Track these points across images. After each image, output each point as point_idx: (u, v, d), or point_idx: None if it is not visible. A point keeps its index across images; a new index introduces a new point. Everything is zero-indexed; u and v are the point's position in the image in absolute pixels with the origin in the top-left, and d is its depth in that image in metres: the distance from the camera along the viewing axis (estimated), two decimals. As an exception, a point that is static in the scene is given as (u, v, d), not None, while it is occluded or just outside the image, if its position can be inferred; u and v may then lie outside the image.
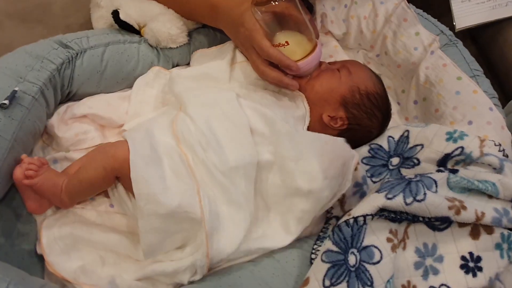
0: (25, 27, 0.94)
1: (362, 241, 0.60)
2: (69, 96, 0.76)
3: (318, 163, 0.64)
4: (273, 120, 0.67)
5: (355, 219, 0.60)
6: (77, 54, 0.74)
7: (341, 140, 0.69)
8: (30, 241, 0.66)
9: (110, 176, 0.65)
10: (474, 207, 0.62)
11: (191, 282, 0.63)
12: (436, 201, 0.61)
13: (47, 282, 0.60)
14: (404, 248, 0.64)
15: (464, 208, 0.62)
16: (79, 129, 0.73)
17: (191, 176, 0.64)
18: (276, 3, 0.66)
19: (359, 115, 0.75)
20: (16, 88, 0.64)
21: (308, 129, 0.74)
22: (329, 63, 0.79)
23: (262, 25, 0.67)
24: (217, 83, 0.76)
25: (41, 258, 0.65)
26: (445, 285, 0.62)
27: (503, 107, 0.85)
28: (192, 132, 0.66)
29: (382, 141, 0.78)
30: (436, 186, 0.64)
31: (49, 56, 0.71)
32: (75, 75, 0.73)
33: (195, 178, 0.64)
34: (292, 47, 0.70)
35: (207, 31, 0.85)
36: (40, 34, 0.88)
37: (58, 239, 0.63)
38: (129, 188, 0.65)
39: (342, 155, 0.67)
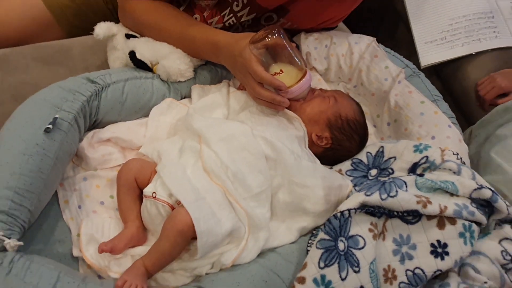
0: (49, 69, 1.06)
1: (349, 231, 0.73)
2: (95, 124, 0.88)
3: (321, 190, 0.79)
4: (280, 149, 0.81)
5: (342, 213, 0.73)
6: (102, 88, 0.87)
7: (337, 173, 0.86)
8: (65, 246, 0.77)
9: (188, 239, 0.73)
10: (438, 201, 0.76)
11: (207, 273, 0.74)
12: (406, 197, 0.74)
13: (87, 274, 0.70)
14: (383, 239, 0.76)
15: (430, 202, 0.75)
16: (105, 151, 0.85)
17: (229, 205, 0.76)
18: (269, 39, 0.81)
19: (340, 137, 0.90)
20: (57, 116, 0.77)
21: None
22: (321, 89, 0.94)
23: (259, 59, 0.82)
24: (222, 108, 0.90)
25: (76, 260, 0.76)
26: (418, 267, 0.74)
27: (463, 130, 1.00)
28: (219, 167, 0.78)
29: (362, 156, 0.92)
30: (406, 186, 0.78)
31: (80, 89, 0.84)
32: (101, 105, 0.86)
33: (237, 205, 0.76)
34: (285, 75, 0.84)
35: (209, 68, 1.00)
36: (63, 75, 0.99)
37: (93, 237, 0.74)
38: None
39: (339, 185, 0.82)
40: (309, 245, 0.77)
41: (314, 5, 0.99)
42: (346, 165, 0.91)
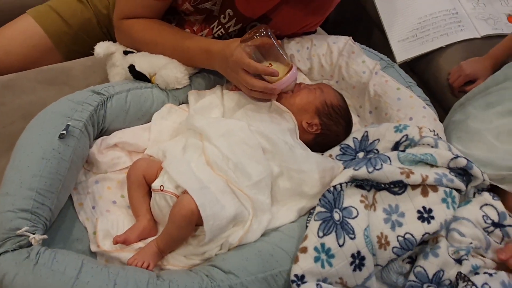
0: (53, 89, 1.13)
1: (342, 203, 0.80)
2: (103, 132, 0.95)
3: (317, 174, 0.87)
4: (275, 141, 0.89)
5: (334, 187, 0.81)
6: (107, 98, 0.94)
7: (328, 157, 0.94)
8: (83, 244, 0.82)
9: (193, 224, 0.79)
10: (420, 172, 0.84)
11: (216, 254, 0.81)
12: (390, 169, 0.83)
13: (108, 264, 0.76)
14: (374, 209, 0.84)
15: (412, 173, 0.83)
16: (113, 155, 0.93)
17: (231, 193, 0.83)
18: (257, 37, 0.90)
19: (328, 123, 0.99)
20: (69, 123, 0.84)
21: None
22: (307, 84, 1.03)
23: (250, 55, 0.90)
24: (219, 108, 0.99)
25: (94, 256, 0.81)
26: (408, 232, 0.81)
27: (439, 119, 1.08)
28: (221, 159, 0.86)
29: (349, 141, 1.00)
30: (390, 161, 0.86)
31: (87, 100, 0.91)
32: (107, 114, 0.94)
33: (240, 192, 0.83)
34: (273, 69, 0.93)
35: (203, 75, 1.09)
36: (67, 93, 1.05)
37: (109, 232, 0.81)
38: None
39: (332, 166, 0.90)
40: (307, 222, 0.84)
41: (294, 13, 1.09)
42: (335, 150, 0.99)
